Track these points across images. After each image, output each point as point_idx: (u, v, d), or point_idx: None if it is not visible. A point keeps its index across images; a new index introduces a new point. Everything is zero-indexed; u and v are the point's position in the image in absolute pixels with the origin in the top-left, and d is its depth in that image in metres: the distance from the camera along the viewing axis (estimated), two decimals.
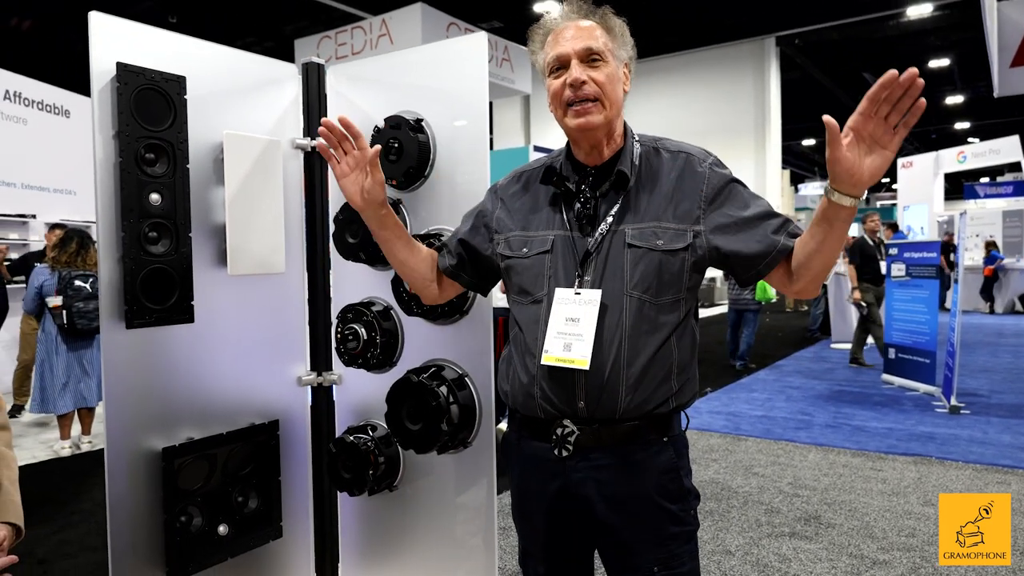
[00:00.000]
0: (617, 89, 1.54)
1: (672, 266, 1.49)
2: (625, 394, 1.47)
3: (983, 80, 15.68)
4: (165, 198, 2.00)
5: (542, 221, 1.61)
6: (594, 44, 1.50)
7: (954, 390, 6.40)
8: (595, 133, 1.53)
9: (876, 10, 11.77)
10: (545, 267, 1.56)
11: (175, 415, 2.08)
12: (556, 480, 1.55)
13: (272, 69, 2.30)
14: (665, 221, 1.51)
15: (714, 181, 1.54)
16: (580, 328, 1.48)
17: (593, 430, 1.50)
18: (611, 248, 1.51)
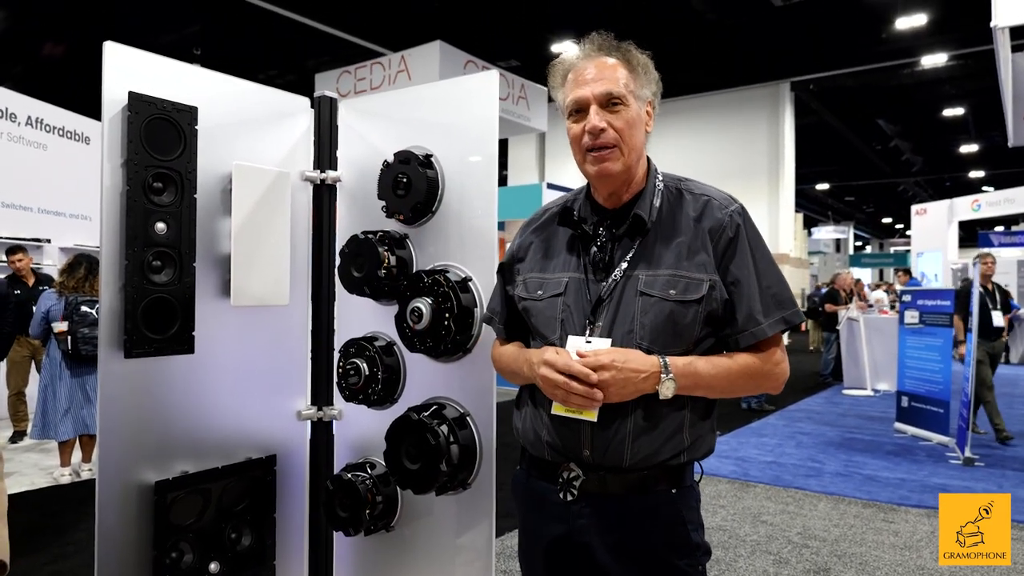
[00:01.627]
0: (637, 134, 1.50)
1: (683, 317, 1.44)
2: (632, 446, 1.43)
3: (997, 129, 15.69)
4: (171, 227, 2.00)
5: (559, 263, 1.58)
6: (614, 88, 1.46)
7: (968, 441, 6.26)
8: (614, 180, 1.50)
9: (891, 58, 11.83)
10: (557, 310, 1.53)
11: (170, 447, 2.04)
12: (559, 524, 1.50)
13: (284, 102, 2.31)
14: (682, 270, 1.46)
15: (730, 231, 1.49)
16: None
17: (599, 476, 1.45)
18: (623, 295, 1.47)
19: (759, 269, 1.48)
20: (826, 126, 15.27)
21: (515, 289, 1.64)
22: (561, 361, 1.39)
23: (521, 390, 1.64)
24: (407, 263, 2.18)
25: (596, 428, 1.43)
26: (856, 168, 20.10)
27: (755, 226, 1.54)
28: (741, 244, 1.48)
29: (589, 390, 1.36)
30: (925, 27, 10.45)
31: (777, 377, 1.51)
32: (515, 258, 1.68)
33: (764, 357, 1.48)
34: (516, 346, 1.68)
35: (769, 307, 1.47)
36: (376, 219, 2.25)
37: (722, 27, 10.47)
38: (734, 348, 1.49)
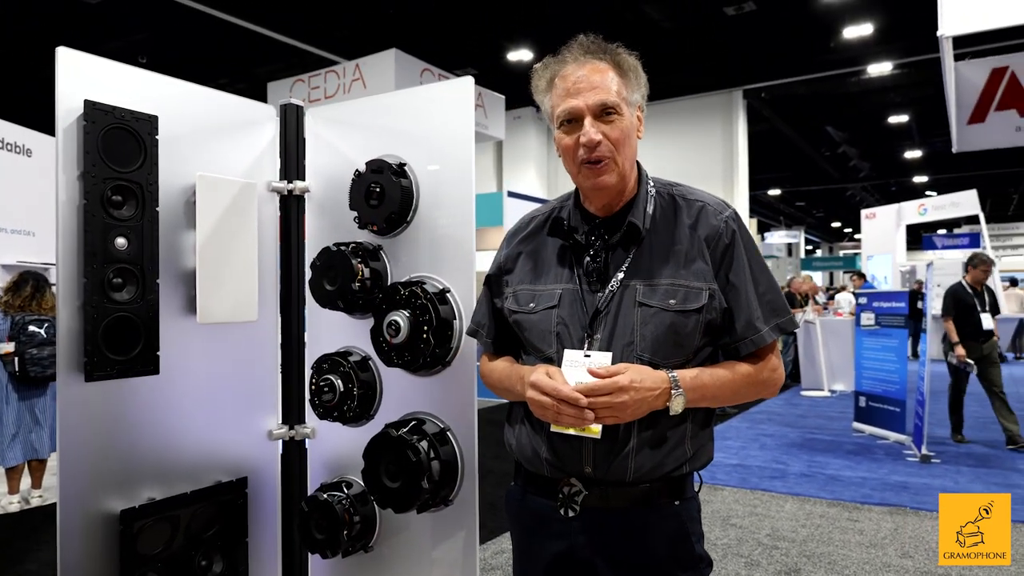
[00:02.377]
0: (631, 143, 1.46)
1: (684, 327, 1.40)
2: (635, 461, 1.40)
3: (939, 136, 16.22)
4: (132, 242, 1.90)
5: (550, 274, 1.53)
6: (608, 98, 1.40)
7: (924, 439, 6.40)
8: (609, 192, 1.47)
9: (839, 67, 12.13)
10: (552, 323, 1.47)
11: (136, 474, 1.94)
12: (560, 541, 1.46)
13: (249, 110, 2.23)
14: (680, 278, 1.43)
15: (726, 238, 1.46)
16: None
17: (601, 491, 1.41)
18: (621, 306, 1.42)
19: (755, 276, 1.46)
20: (778, 133, 15.58)
21: (504, 302, 1.59)
22: (549, 384, 1.34)
23: (513, 405, 1.59)
24: (381, 275, 2.11)
25: (598, 444, 1.39)
26: (806, 174, 20.57)
27: (748, 231, 1.51)
28: (737, 251, 1.46)
29: (579, 412, 1.31)
30: (871, 36, 10.73)
31: (775, 383, 1.50)
32: (502, 269, 1.63)
33: (762, 365, 1.47)
34: (507, 361, 1.63)
35: (766, 314, 1.45)
36: (347, 230, 2.18)
37: (677, 35, 10.60)
38: (733, 356, 1.47)
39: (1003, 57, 8.12)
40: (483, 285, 1.70)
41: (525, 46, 10.97)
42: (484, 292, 1.70)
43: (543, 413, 1.37)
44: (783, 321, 1.48)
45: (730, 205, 1.53)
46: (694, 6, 9.60)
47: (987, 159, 16.32)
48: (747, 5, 9.83)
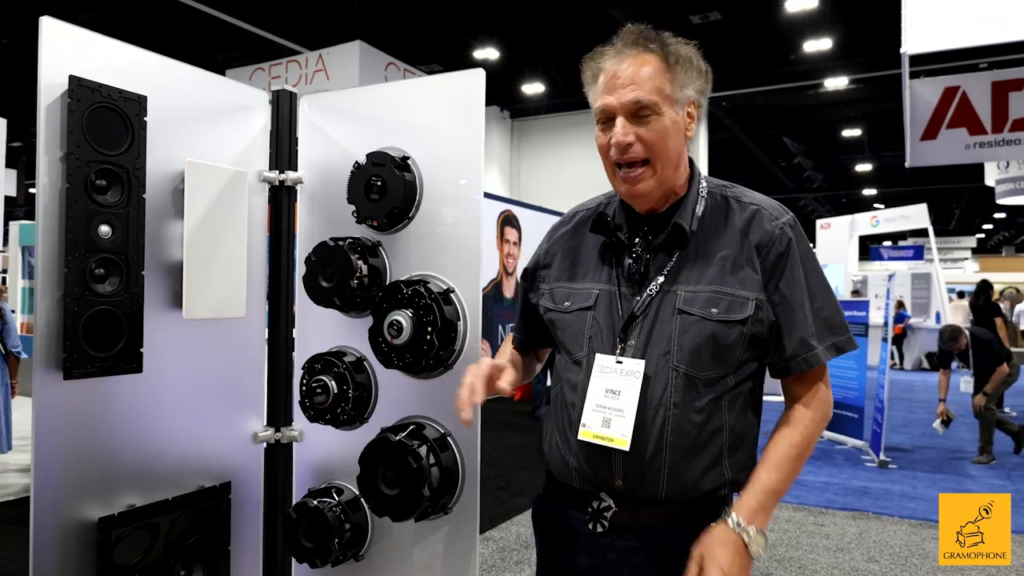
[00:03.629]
0: (673, 144, 1.34)
1: (726, 338, 1.30)
2: (668, 478, 1.31)
3: (889, 150, 16.69)
4: (116, 230, 1.77)
5: (588, 272, 1.45)
6: (643, 96, 1.29)
7: (882, 445, 6.54)
8: (648, 198, 1.37)
9: (798, 79, 12.38)
10: (586, 325, 1.40)
11: (115, 479, 1.81)
12: (587, 557, 1.38)
13: (241, 95, 2.11)
14: (726, 286, 1.32)
15: (780, 246, 1.34)
16: (621, 402, 1.32)
17: (632, 508, 1.34)
18: (659, 312, 1.34)
19: (811, 289, 1.35)
20: (737, 142, 15.81)
21: (539, 298, 1.52)
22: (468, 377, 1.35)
23: (547, 409, 1.53)
24: (380, 272, 2.02)
25: (628, 457, 1.31)
26: (763, 183, 20.92)
27: (807, 240, 1.40)
28: (792, 260, 1.34)
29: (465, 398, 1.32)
30: (830, 51, 10.96)
31: (828, 417, 1.39)
32: (540, 264, 1.55)
33: (815, 400, 1.36)
34: (510, 353, 1.59)
35: (821, 330, 1.34)
36: (341, 224, 2.09)
37: None
38: (781, 375, 1.38)
39: (955, 77, 8.38)
40: (520, 279, 1.62)
41: (491, 44, 10.89)
42: (521, 287, 1.63)
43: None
44: (841, 340, 1.36)
45: (788, 211, 1.41)
46: (659, 12, 9.65)
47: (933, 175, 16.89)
48: (712, 14, 9.95)
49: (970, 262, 29.56)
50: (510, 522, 4.82)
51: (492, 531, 4.64)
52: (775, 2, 9.68)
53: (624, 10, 9.82)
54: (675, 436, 1.30)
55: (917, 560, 4.25)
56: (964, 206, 25.07)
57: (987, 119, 8.08)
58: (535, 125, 14.74)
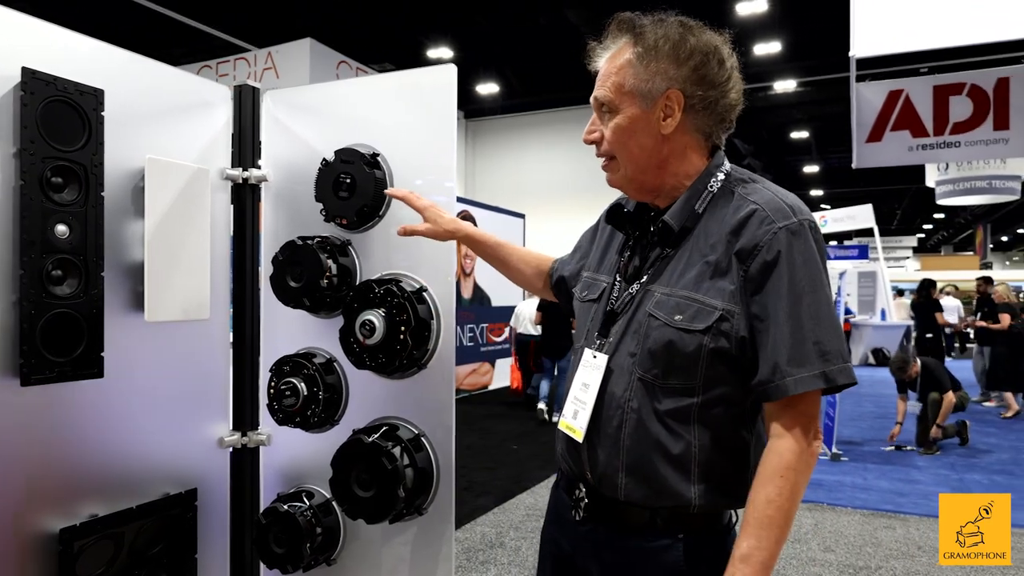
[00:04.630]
0: (636, 140, 1.28)
1: (685, 347, 1.22)
2: (626, 480, 1.29)
3: (836, 152, 17.14)
4: (74, 230, 1.70)
5: (608, 264, 1.45)
6: (600, 93, 1.30)
7: (834, 439, 6.70)
8: (626, 189, 1.38)
9: (748, 82, 12.52)
10: (588, 317, 1.42)
11: (77, 488, 1.74)
12: (568, 541, 1.43)
13: (202, 89, 2.05)
14: (700, 292, 1.23)
15: (768, 254, 1.20)
16: (587, 395, 1.34)
17: (603, 504, 1.35)
18: (637, 312, 1.31)
19: (799, 306, 1.18)
20: None
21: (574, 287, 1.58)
22: None
23: None
24: (350, 272, 1.98)
25: (591, 451, 1.33)
26: None
27: (812, 251, 1.21)
28: (779, 272, 1.19)
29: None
30: (779, 54, 11.22)
31: (811, 464, 1.22)
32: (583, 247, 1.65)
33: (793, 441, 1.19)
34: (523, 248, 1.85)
35: (806, 356, 1.17)
36: (308, 223, 2.04)
37: None
38: (761, 401, 1.25)
39: (900, 80, 8.64)
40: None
41: (444, 44, 10.85)
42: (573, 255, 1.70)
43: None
44: (832, 370, 1.17)
45: (799, 214, 1.22)
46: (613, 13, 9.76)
47: (877, 176, 17.41)
48: None
49: (911, 260, 30.58)
50: (474, 523, 4.80)
51: (457, 532, 4.62)
52: (726, 5, 9.86)
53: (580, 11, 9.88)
54: (632, 440, 1.27)
55: (871, 548, 4.39)
56: (906, 206, 25.94)
57: (929, 122, 8.32)
58: (490, 125, 14.73)
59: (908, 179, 16.88)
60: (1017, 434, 8.04)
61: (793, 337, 1.17)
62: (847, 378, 1.18)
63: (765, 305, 1.19)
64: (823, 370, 1.17)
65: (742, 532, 1.21)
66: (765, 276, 1.19)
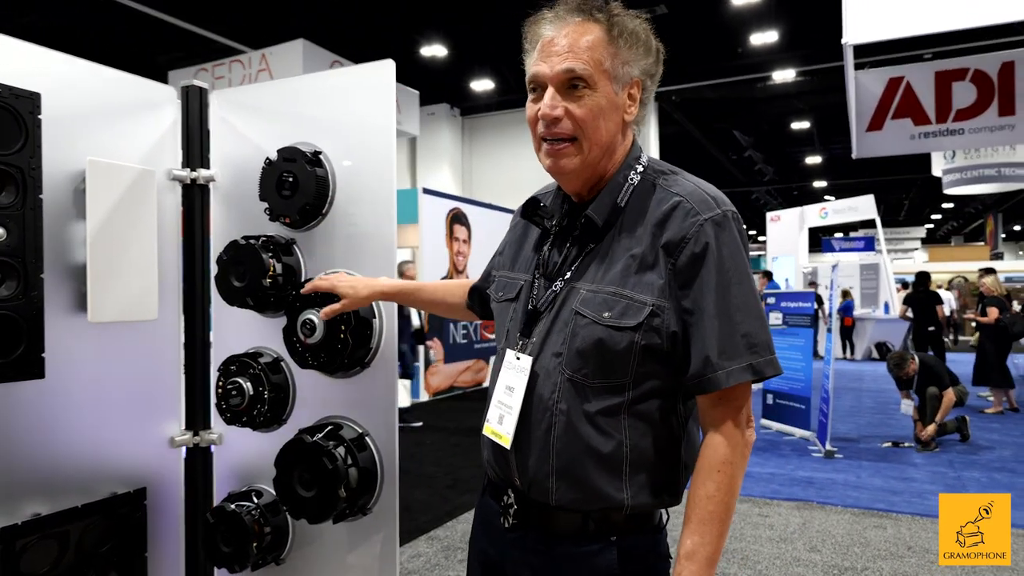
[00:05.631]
0: (606, 124, 1.24)
1: (616, 345, 1.20)
2: (557, 484, 1.25)
3: (839, 142, 17.02)
4: (12, 232, 1.71)
5: (524, 261, 1.41)
6: (578, 66, 1.19)
7: (828, 435, 6.65)
8: (571, 179, 1.29)
9: (746, 72, 12.54)
10: (507, 318, 1.38)
11: (18, 487, 1.75)
12: (497, 548, 1.38)
13: (147, 91, 2.06)
14: (627, 288, 1.21)
15: (696, 246, 1.20)
16: (512, 400, 1.29)
17: (532, 511, 1.31)
18: (561, 310, 1.27)
19: (728, 299, 1.19)
20: (687, 136, 15.99)
21: (489, 288, 1.53)
22: None
23: None
24: (295, 271, 1.99)
25: (520, 457, 1.28)
26: (715, 176, 21.08)
27: (737, 242, 1.23)
28: (708, 264, 1.19)
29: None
30: (776, 44, 11.14)
31: (746, 455, 1.24)
32: (498, 252, 1.56)
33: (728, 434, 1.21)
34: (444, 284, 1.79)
35: (735, 349, 1.19)
36: (257, 223, 2.04)
37: None
38: (693, 394, 1.25)
39: (899, 67, 8.54)
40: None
41: (437, 42, 10.84)
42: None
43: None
44: (760, 362, 1.20)
45: (722, 205, 1.24)
46: None
47: (882, 166, 17.27)
48: (659, 8, 10.02)
49: (920, 252, 30.32)
50: (455, 520, 4.80)
51: (437, 530, 4.62)
52: None
53: None
54: (562, 443, 1.24)
55: (858, 548, 4.32)
56: (913, 197, 25.72)
57: (931, 109, 8.20)
58: (486, 122, 14.71)
59: (914, 168, 16.72)
60: (1022, 430, 7.86)
61: (723, 330, 1.19)
62: (774, 370, 1.21)
63: (695, 299, 1.20)
64: (751, 362, 1.19)
65: (684, 530, 1.22)
66: (694, 269, 1.19)
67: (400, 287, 1.78)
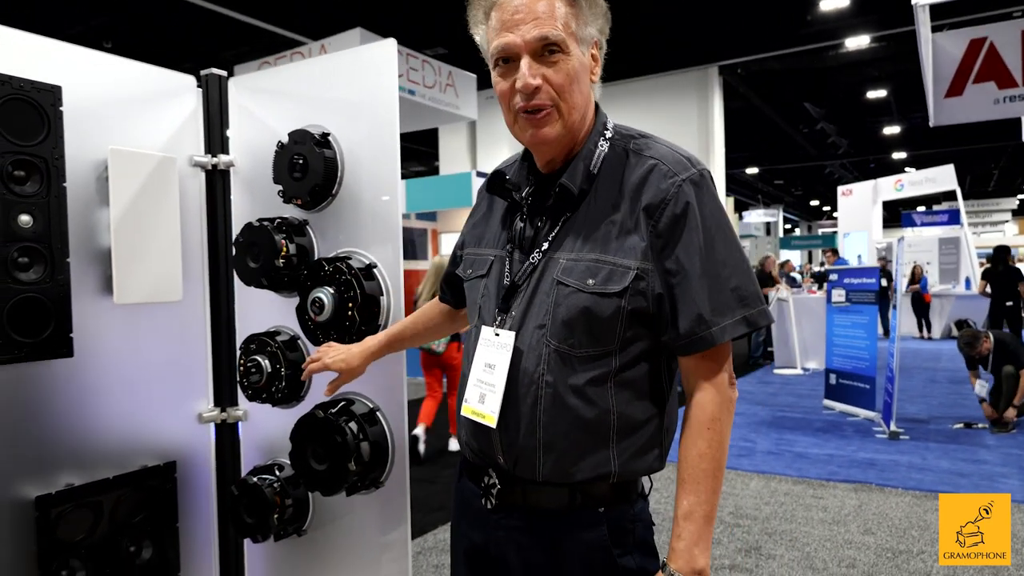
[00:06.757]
0: (579, 88, 1.23)
1: (602, 312, 1.20)
2: (544, 458, 1.24)
3: (918, 111, 16.19)
4: (38, 219, 1.81)
5: (492, 236, 1.40)
6: (551, 32, 1.17)
7: (893, 416, 6.42)
8: (552, 145, 1.27)
9: (816, 40, 12.02)
10: (479, 295, 1.37)
11: (52, 459, 1.87)
12: (480, 531, 1.36)
13: (166, 80, 2.13)
14: (609, 254, 1.21)
15: (676, 207, 1.20)
16: (495, 377, 1.27)
17: (517, 488, 1.30)
18: (541, 282, 1.25)
19: (715, 255, 1.20)
20: (754, 110, 15.48)
21: (458, 268, 1.52)
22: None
23: None
24: (308, 251, 2.04)
25: (505, 434, 1.26)
26: (784, 151, 20.51)
27: (716, 199, 1.25)
28: (691, 224, 1.20)
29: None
30: (848, 8, 10.64)
31: (732, 410, 1.26)
32: (463, 229, 1.55)
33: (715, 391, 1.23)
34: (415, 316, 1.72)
35: (728, 304, 1.20)
36: (274, 206, 2.10)
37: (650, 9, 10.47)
38: (681, 354, 1.25)
39: (982, 28, 8.04)
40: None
41: None
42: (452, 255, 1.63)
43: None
44: (752, 313, 1.22)
45: (697, 164, 1.25)
46: None
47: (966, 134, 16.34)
48: None
49: (1011, 224, 28.68)
50: None
51: None
52: None
53: None
54: (549, 416, 1.23)
55: (916, 532, 4.17)
56: (1003, 166, 24.28)
57: (1018, 71, 7.75)
58: None
59: (1003, 136, 15.73)
60: None
61: (712, 287, 1.19)
62: (766, 319, 1.24)
63: (679, 259, 1.20)
64: (744, 315, 1.21)
65: (679, 490, 1.23)
66: (676, 229, 1.20)
67: (388, 339, 1.77)
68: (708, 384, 1.23)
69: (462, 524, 1.43)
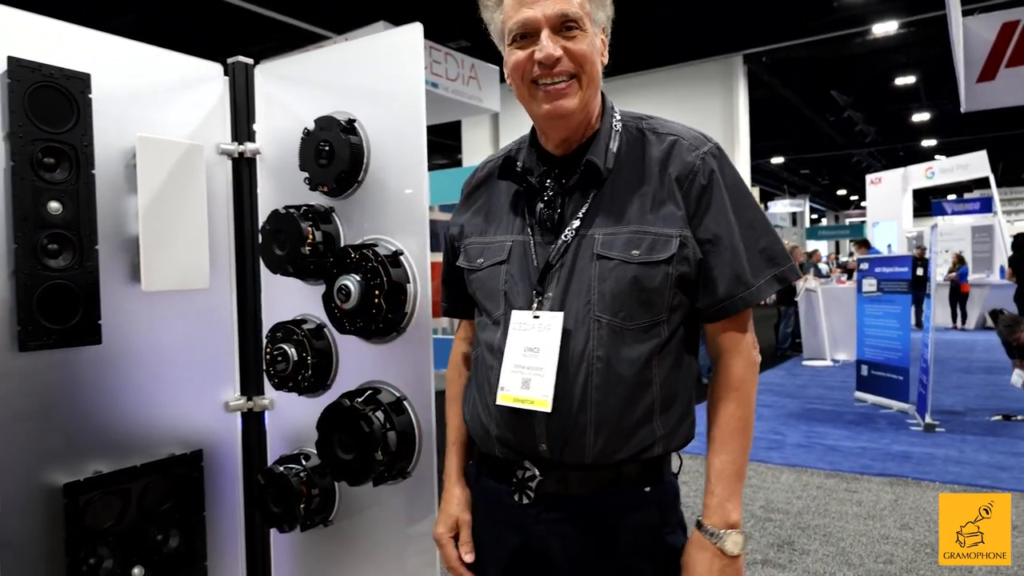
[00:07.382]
0: (594, 65, 1.26)
1: (651, 281, 1.23)
2: (595, 438, 1.23)
3: (948, 97, 15.87)
4: (67, 207, 1.81)
5: (501, 224, 1.38)
6: (569, 8, 1.21)
7: (928, 407, 6.29)
8: (570, 120, 1.27)
9: (842, 27, 11.82)
10: (500, 281, 1.33)
11: (80, 447, 1.87)
12: (515, 532, 1.31)
13: (194, 68, 2.12)
14: (647, 224, 1.24)
15: (703, 178, 1.26)
16: (540, 360, 1.24)
17: (558, 475, 1.26)
18: (577, 259, 1.26)
19: (743, 219, 1.27)
20: (780, 99, 15.27)
21: (459, 261, 1.46)
22: (446, 552, 1.44)
23: (469, 376, 1.47)
24: (334, 238, 2.02)
25: (551, 418, 1.23)
26: (810, 140, 20.24)
27: (734, 168, 1.32)
28: (717, 192, 1.27)
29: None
30: None
31: (757, 371, 1.33)
32: (456, 223, 1.50)
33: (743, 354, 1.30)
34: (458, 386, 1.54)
35: (760, 264, 1.27)
36: (301, 193, 2.08)
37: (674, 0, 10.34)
38: (713, 320, 1.30)
39: (1015, 11, 7.83)
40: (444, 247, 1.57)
41: None
42: (444, 254, 1.57)
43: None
44: (783, 270, 1.28)
45: (711, 139, 1.32)
46: None
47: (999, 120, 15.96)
48: None
49: None
50: None
51: None
52: None
53: None
54: (600, 393, 1.22)
55: None
56: None
57: None
58: None
59: None
60: None
61: (747, 250, 1.26)
62: (795, 273, 1.32)
63: (710, 226, 1.26)
64: (775, 272, 1.28)
65: (710, 451, 1.30)
66: (705, 198, 1.26)
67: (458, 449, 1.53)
68: (735, 348, 1.30)
69: (491, 529, 1.38)
